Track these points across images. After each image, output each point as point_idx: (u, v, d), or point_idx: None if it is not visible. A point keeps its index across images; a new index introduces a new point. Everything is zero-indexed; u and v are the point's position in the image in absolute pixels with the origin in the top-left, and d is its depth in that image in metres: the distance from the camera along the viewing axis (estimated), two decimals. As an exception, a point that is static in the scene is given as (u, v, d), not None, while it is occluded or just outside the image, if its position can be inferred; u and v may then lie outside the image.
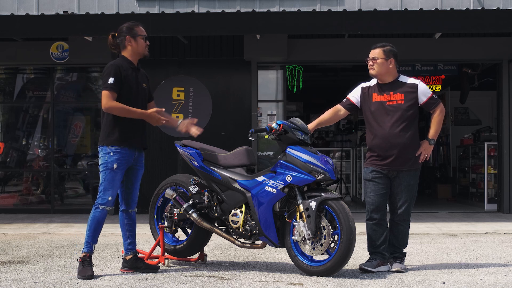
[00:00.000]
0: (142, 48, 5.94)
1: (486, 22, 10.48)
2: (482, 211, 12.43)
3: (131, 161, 5.90)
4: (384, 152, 6.04)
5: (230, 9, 11.35)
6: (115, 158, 5.76)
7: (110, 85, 5.72)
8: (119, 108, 5.74)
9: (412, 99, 6.05)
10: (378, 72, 6.14)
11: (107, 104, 5.73)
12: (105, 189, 5.78)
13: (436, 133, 6.12)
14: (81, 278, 5.64)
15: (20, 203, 12.79)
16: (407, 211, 6.10)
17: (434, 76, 14.86)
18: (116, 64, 5.82)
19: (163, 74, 12.34)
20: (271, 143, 11.90)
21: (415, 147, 6.06)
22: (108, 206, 5.79)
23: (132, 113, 5.78)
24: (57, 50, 12.17)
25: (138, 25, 5.97)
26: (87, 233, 5.78)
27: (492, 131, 14.07)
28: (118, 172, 5.79)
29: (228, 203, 6.11)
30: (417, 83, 6.14)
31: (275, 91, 12.49)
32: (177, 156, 11.40)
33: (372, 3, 11.46)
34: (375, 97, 6.14)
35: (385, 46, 6.21)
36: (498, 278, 5.65)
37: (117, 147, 5.77)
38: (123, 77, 5.78)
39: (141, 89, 5.95)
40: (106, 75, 5.77)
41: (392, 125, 6.01)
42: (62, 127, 12.92)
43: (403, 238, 6.14)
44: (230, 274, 5.90)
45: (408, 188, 6.06)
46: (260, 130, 6.12)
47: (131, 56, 5.93)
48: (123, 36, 5.91)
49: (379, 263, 6.06)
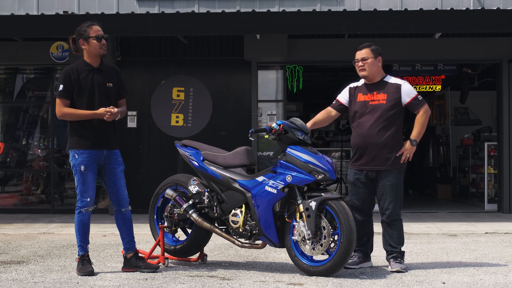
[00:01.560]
0: (96, 49, 5.93)
1: (486, 22, 10.48)
2: (482, 211, 12.43)
3: (101, 160, 5.91)
4: (362, 151, 6.10)
5: (230, 9, 11.35)
6: (80, 160, 5.83)
7: (59, 93, 5.85)
8: (70, 114, 5.86)
9: (395, 99, 6.07)
10: (369, 72, 6.17)
11: (59, 112, 5.87)
12: (81, 192, 5.87)
13: (419, 134, 6.13)
14: (82, 275, 5.69)
15: (20, 203, 12.79)
16: (396, 211, 6.11)
17: (434, 76, 14.85)
18: (67, 69, 5.92)
19: (163, 74, 12.34)
20: (271, 143, 11.90)
21: (396, 147, 6.07)
22: (89, 207, 5.88)
23: (82, 116, 5.84)
24: (57, 50, 12.17)
25: (92, 26, 5.96)
26: (78, 237, 5.90)
27: (492, 131, 14.07)
28: (88, 173, 5.85)
29: (228, 203, 6.11)
30: (401, 83, 6.16)
31: (275, 91, 12.48)
32: (177, 156, 11.40)
33: (372, 3, 11.46)
34: (359, 97, 6.20)
35: (371, 46, 6.26)
36: (498, 278, 5.65)
37: (80, 149, 5.85)
38: (74, 81, 5.85)
39: (102, 89, 5.94)
40: (58, 82, 5.91)
41: (372, 124, 6.05)
42: (62, 127, 12.90)
43: (399, 237, 6.14)
44: (230, 274, 5.90)
45: (392, 188, 6.07)
46: (260, 130, 6.13)
47: (88, 58, 5.96)
48: (78, 39, 5.96)
49: (361, 261, 6.16)
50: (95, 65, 5.97)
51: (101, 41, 5.93)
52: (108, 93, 5.98)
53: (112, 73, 6.07)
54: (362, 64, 6.16)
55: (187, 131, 12.10)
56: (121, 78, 6.16)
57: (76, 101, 5.87)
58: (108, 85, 5.99)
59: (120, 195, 6.02)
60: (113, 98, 6.01)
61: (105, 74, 6.01)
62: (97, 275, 5.81)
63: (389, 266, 6.07)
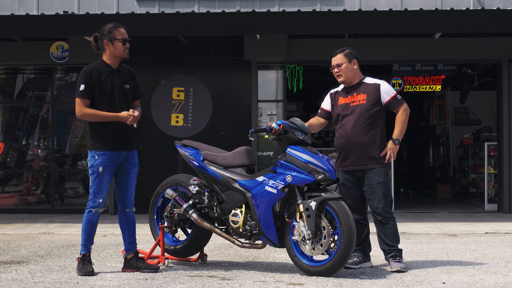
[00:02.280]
0: (120, 52, 5.93)
1: (486, 22, 10.48)
2: (482, 211, 12.43)
3: (120, 161, 5.92)
4: (346, 151, 6.15)
5: (230, 9, 11.35)
6: (100, 161, 5.82)
7: (81, 92, 5.80)
8: (91, 114, 5.83)
9: (375, 99, 6.15)
10: (345, 77, 6.28)
11: (80, 112, 5.84)
12: (95, 193, 5.86)
13: (401, 133, 6.17)
14: (82, 275, 5.70)
15: (20, 203, 12.79)
16: (386, 208, 6.12)
17: (434, 76, 14.85)
18: (87, 69, 5.87)
19: (163, 74, 12.34)
20: (271, 143, 11.90)
21: (379, 146, 6.12)
22: (100, 208, 5.88)
23: (104, 118, 5.83)
24: (57, 50, 12.17)
25: (118, 28, 5.96)
26: (83, 236, 5.90)
27: (492, 131, 14.07)
28: (105, 175, 5.85)
29: (228, 203, 6.11)
30: (380, 83, 6.24)
31: (275, 91, 12.49)
32: (177, 156, 11.40)
33: (372, 3, 11.46)
34: (340, 100, 6.31)
35: (345, 50, 6.36)
36: (498, 278, 5.66)
37: (100, 150, 5.83)
38: (95, 82, 5.83)
39: (120, 91, 5.95)
40: (78, 81, 5.86)
41: (354, 124, 6.12)
42: (62, 127, 12.91)
43: (393, 234, 6.14)
44: (230, 274, 5.90)
45: (379, 186, 6.09)
46: (260, 130, 6.13)
47: (109, 59, 5.95)
48: (101, 39, 5.94)
49: (361, 260, 6.18)
50: (115, 66, 5.97)
51: (125, 44, 5.95)
52: (126, 95, 6.00)
53: (129, 75, 6.09)
54: (337, 70, 6.30)
55: (187, 131, 12.10)
56: (136, 80, 6.18)
57: (96, 101, 5.84)
58: (126, 87, 6.01)
59: (127, 196, 6.04)
60: (130, 100, 6.04)
61: (123, 76, 6.02)
62: (97, 275, 5.81)
63: (389, 266, 6.07)
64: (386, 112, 6.26)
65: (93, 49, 6.05)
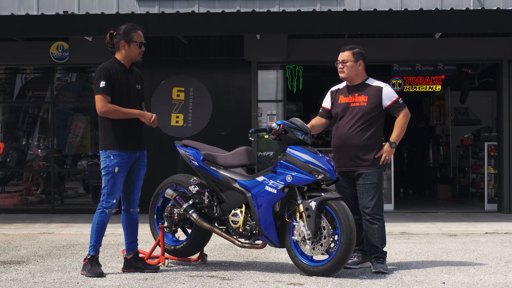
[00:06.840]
0: (135, 55, 5.93)
1: (486, 22, 10.48)
2: (482, 211, 12.43)
3: (132, 162, 5.91)
4: (341, 152, 6.16)
5: (230, 9, 11.35)
6: (115, 162, 5.79)
7: (102, 89, 5.75)
8: (115, 111, 5.77)
9: (376, 102, 6.14)
10: (348, 75, 6.26)
11: (103, 108, 5.76)
12: (109, 193, 5.81)
13: (399, 137, 6.17)
14: (92, 276, 5.66)
15: (20, 203, 12.79)
16: (377, 209, 6.10)
17: (434, 76, 14.86)
18: (106, 67, 5.84)
19: (163, 74, 12.34)
20: (271, 143, 11.90)
21: (375, 149, 6.11)
22: (113, 209, 5.86)
23: (127, 114, 5.81)
24: (57, 50, 12.17)
25: (137, 30, 5.94)
26: (93, 236, 5.83)
27: (492, 131, 14.06)
28: (120, 175, 5.82)
29: (228, 203, 6.11)
30: (382, 86, 6.23)
31: (275, 91, 12.49)
32: (177, 156, 11.39)
33: (372, 3, 11.46)
34: (341, 99, 6.29)
35: (354, 49, 6.31)
36: (498, 278, 5.66)
37: (116, 150, 5.80)
38: (114, 79, 5.80)
39: (133, 91, 5.96)
40: (97, 79, 5.80)
41: (351, 126, 6.12)
42: (62, 127, 12.91)
43: (380, 236, 6.10)
44: (230, 274, 5.90)
45: (372, 186, 6.09)
46: (260, 130, 6.13)
47: (123, 60, 5.93)
48: (118, 38, 5.91)
49: (361, 260, 6.18)
50: (127, 67, 5.96)
51: (141, 48, 5.94)
52: (137, 95, 6.01)
53: (138, 76, 6.11)
54: (342, 66, 6.27)
55: (187, 131, 12.08)
56: (143, 81, 6.19)
57: (114, 99, 5.80)
58: (138, 87, 6.03)
59: (133, 196, 6.04)
60: (139, 100, 6.06)
61: (135, 76, 6.03)
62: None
63: (372, 266, 6.05)
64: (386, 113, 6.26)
65: (107, 47, 6.01)
